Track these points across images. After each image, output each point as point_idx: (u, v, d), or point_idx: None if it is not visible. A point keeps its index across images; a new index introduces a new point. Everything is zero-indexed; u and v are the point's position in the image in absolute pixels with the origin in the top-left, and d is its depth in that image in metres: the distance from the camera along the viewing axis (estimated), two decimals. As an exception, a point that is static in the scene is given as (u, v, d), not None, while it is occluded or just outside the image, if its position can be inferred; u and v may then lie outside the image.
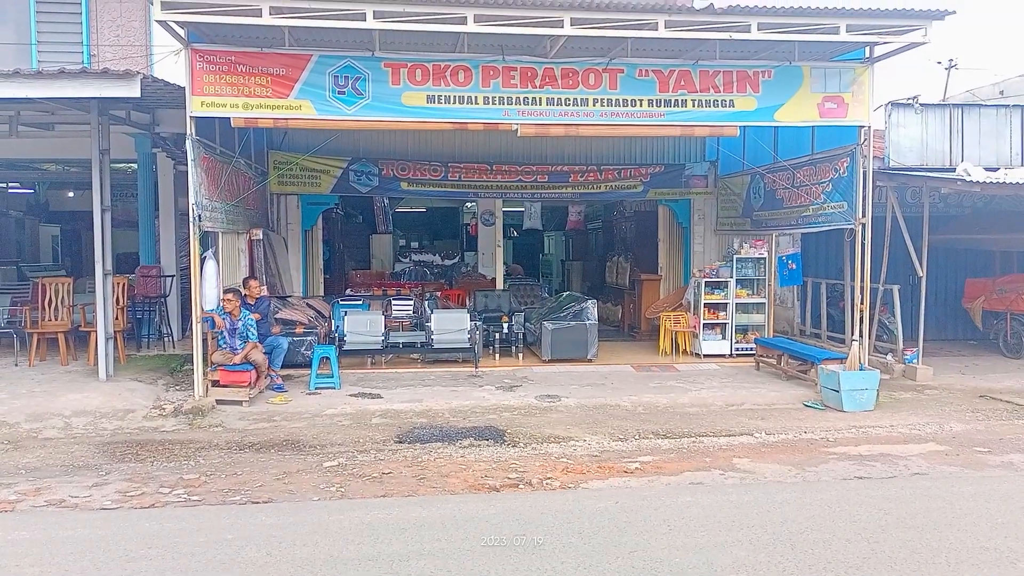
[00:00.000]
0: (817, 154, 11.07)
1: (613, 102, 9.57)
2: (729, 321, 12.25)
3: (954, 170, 10.92)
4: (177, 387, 9.54)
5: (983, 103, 13.71)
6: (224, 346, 9.35)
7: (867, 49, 9.81)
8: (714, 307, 12.29)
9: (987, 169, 10.86)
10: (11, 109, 9.99)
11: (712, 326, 12.31)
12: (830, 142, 10.96)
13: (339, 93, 9.10)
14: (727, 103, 9.70)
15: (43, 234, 18.18)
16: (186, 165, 8.89)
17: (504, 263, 15.78)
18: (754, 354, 11.62)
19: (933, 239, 11.11)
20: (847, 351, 9.78)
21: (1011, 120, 11.73)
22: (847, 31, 8.96)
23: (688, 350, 12.46)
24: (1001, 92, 17.66)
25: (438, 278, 16.62)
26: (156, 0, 8.01)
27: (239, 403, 8.81)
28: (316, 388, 9.70)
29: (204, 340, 9.12)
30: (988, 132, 11.70)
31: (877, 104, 10.49)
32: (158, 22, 8.30)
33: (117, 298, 10.21)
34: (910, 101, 11.47)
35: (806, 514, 5.46)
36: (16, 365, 10.25)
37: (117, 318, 10.16)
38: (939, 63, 18.13)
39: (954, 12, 8.80)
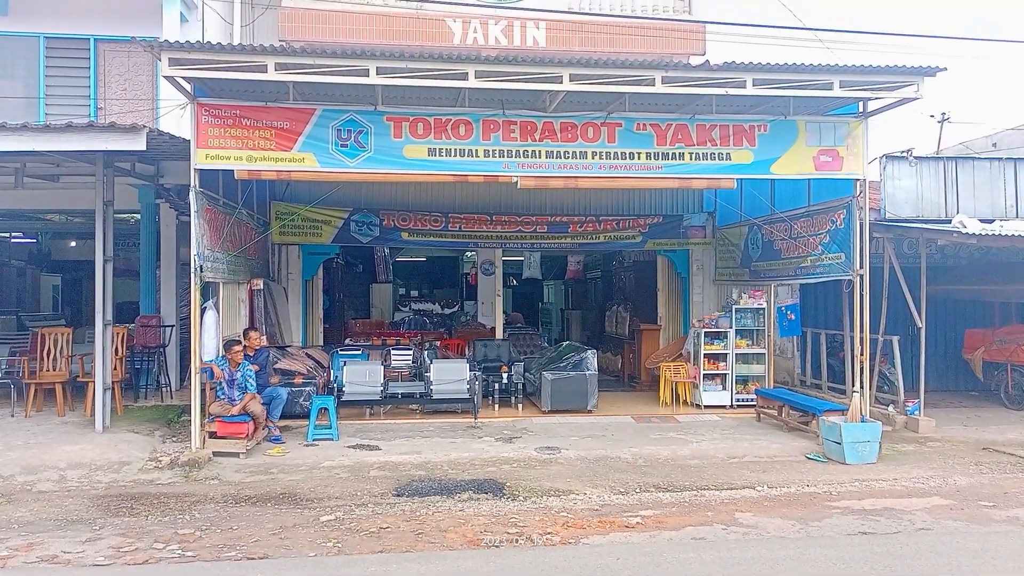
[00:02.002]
0: (814, 206, 11.18)
1: (612, 155, 9.72)
2: (729, 372, 12.21)
3: (950, 222, 11.01)
4: (174, 438, 9.46)
5: (977, 155, 13.88)
6: (222, 397, 9.30)
7: (861, 104, 9.98)
8: (714, 357, 12.26)
9: (982, 221, 10.95)
10: (17, 161, 10.10)
11: (712, 376, 12.27)
12: (826, 194, 11.08)
13: (342, 146, 9.24)
14: (724, 156, 9.85)
15: (44, 283, 18.22)
16: (189, 216, 8.98)
17: (504, 312, 15.81)
18: (755, 405, 11.56)
19: (931, 290, 11.14)
20: (848, 402, 9.73)
21: (1005, 172, 11.86)
22: (840, 87, 9.13)
23: (688, 401, 12.39)
24: (994, 144, 17.90)
25: (437, 327, 16.64)
26: (164, 57, 8.19)
27: (236, 455, 8.74)
28: (314, 439, 9.62)
29: (202, 391, 9.08)
30: (982, 184, 11.82)
31: (872, 156, 10.63)
32: (166, 78, 8.48)
33: (116, 348, 10.20)
34: (904, 154, 11.61)
35: (810, 571, 5.37)
36: (12, 416, 10.17)
37: (115, 368, 10.12)
38: (932, 116, 18.39)
39: (945, 69, 8.98)
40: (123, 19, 11.74)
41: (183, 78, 8.58)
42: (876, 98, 9.66)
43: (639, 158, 9.76)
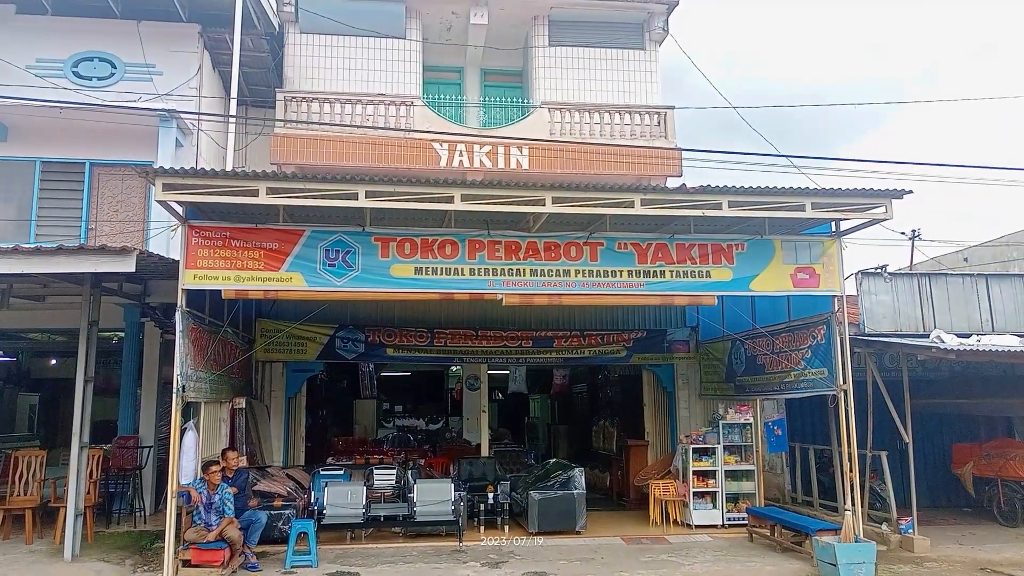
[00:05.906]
0: (794, 321, 11.34)
1: (594, 273, 9.89)
2: (719, 489, 12.00)
3: (928, 336, 11.17)
4: (145, 567, 9.07)
5: (950, 271, 14.28)
6: (199, 522, 9.00)
7: (834, 224, 10.31)
8: (703, 474, 12.08)
9: (959, 335, 11.12)
10: (4, 283, 10.14)
11: (702, 495, 12.04)
12: (806, 309, 11.28)
13: (329, 265, 9.36)
14: (704, 274, 10.05)
15: (21, 403, 17.80)
16: (173, 334, 8.96)
17: (490, 427, 15.60)
18: (747, 524, 11.31)
19: (915, 403, 11.14)
20: (840, 520, 9.55)
21: (978, 287, 12.15)
22: (812, 208, 9.46)
23: (679, 520, 12.10)
24: (965, 259, 18.50)
25: (422, 444, 16.37)
26: (159, 182, 8.40)
27: (210, 585, 8.38)
28: (292, 566, 9.26)
29: (178, 516, 8.78)
30: (957, 299, 12.08)
31: (849, 272, 10.89)
32: (159, 202, 8.62)
33: (91, 471, 9.92)
34: (879, 270, 11.91)
35: None
36: (-23, 544, 9.77)
37: (89, 492, 9.81)
38: (903, 234, 19.06)
39: (911, 191, 9.37)
40: (119, 143, 12.05)
41: (176, 202, 8.77)
42: (847, 218, 10.00)
43: (621, 276, 9.94)
